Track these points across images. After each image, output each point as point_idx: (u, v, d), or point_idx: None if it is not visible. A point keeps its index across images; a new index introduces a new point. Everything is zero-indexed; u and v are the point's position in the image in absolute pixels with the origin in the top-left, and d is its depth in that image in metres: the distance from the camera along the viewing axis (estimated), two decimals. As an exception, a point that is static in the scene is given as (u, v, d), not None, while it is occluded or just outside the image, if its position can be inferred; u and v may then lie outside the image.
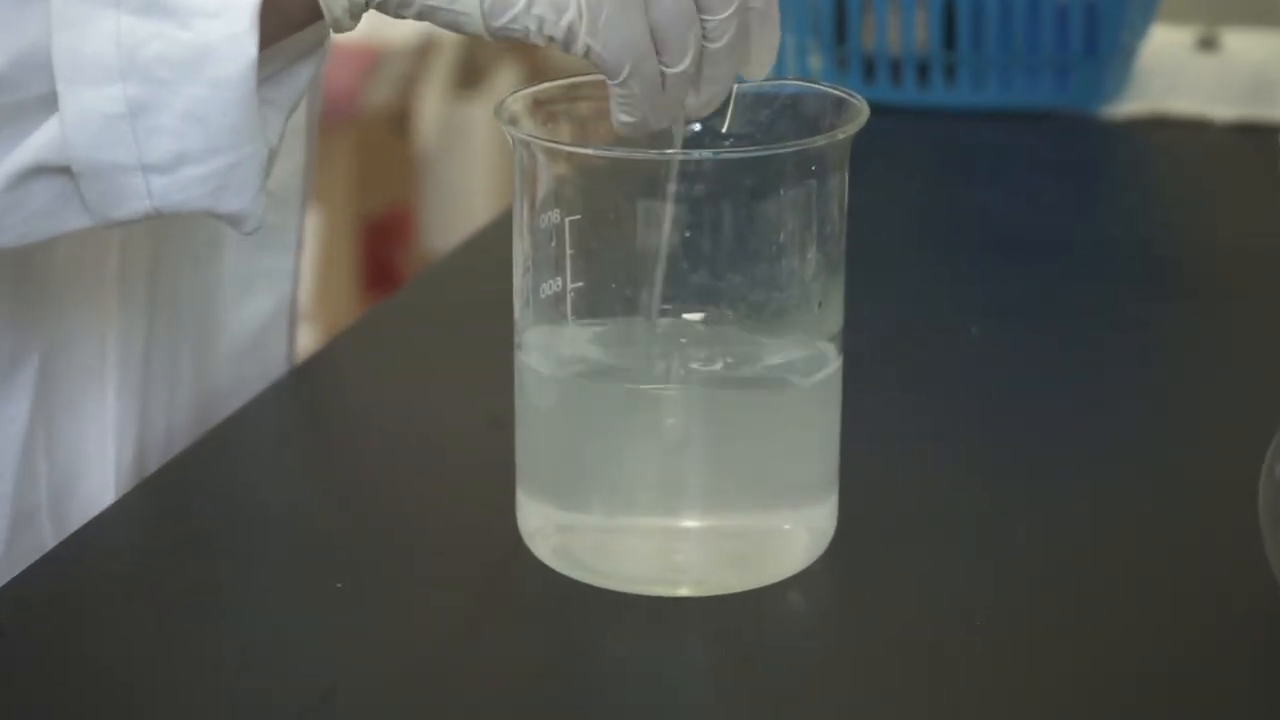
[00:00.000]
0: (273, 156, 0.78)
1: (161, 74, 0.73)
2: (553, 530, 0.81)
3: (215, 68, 0.73)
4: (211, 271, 1.00)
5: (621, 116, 0.75)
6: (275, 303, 1.03)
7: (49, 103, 0.74)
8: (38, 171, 0.75)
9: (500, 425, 0.83)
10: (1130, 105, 1.39)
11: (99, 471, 0.93)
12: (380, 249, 2.69)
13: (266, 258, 1.02)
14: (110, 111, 0.73)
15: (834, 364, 0.80)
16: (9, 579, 0.81)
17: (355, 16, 0.77)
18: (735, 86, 0.80)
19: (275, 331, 1.04)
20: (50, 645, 0.77)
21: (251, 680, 0.76)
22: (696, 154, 0.78)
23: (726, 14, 0.74)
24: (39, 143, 0.74)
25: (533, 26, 0.74)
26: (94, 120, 0.73)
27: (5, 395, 0.88)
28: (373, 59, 2.57)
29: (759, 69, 0.78)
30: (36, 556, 0.84)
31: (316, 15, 0.76)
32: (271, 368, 1.04)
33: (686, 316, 0.78)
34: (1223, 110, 1.37)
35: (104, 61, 0.73)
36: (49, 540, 0.89)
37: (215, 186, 0.76)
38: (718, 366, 0.79)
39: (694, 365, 0.78)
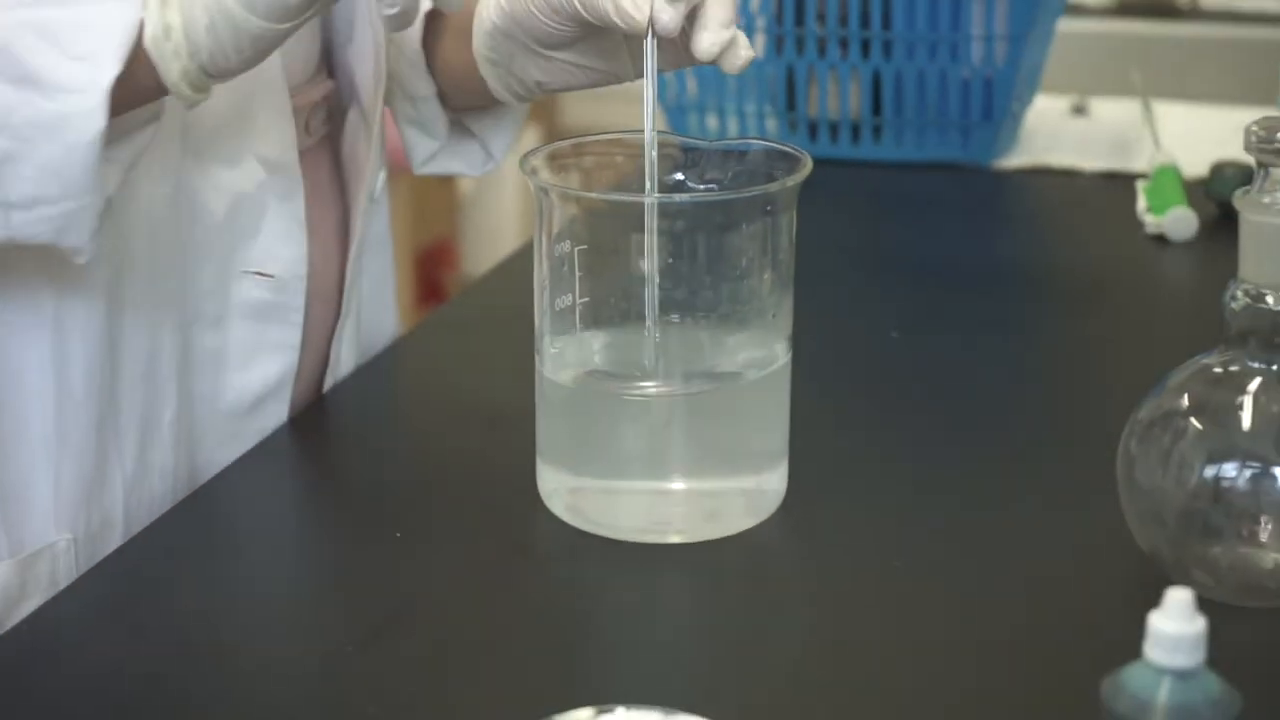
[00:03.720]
0: (109, 203, 0.78)
1: (27, 133, 0.74)
2: (565, 491, 0.81)
3: (72, 134, 0.74)
4: (217, 337, 0.89)
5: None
6: (280, 372, 0.91)
7: None
8: None
9: (524, 410, 0.83)
10: (1017, 158, 1.39)
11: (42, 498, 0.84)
12: (430, 272, 2.69)
13: (272, 331, 0.90)
14: None
15: (784, 360, 0.80)
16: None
17: (198, 89, 0.76)
18: (706, 143, 0.80)
19: (275, 399, 0.91)
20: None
21: (332, 603, 0.76)
22: (677, 197, 0.78)
23: None
24: None
25: None
26: None
27: None
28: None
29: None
30: None
31: (164, 91, 0.76)
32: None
33: (670, 320, 0.78)
34: (1091, 162, 1.37)
35: None
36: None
37: (62, 225, 0.76)
38: (695, 364, 0.78)
39: (676, 363, 0.78)
